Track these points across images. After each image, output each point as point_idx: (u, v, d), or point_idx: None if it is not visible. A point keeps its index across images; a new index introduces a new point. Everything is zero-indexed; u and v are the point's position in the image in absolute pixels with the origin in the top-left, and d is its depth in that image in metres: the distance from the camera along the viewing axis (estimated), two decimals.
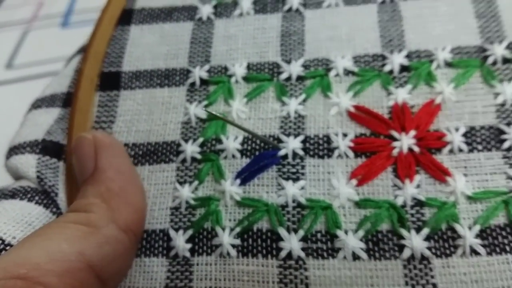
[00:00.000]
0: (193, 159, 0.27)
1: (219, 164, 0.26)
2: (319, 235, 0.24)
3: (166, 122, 0.28)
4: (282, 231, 0.24)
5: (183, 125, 0.28)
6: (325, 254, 0.23)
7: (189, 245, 0.25)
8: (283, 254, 0.23)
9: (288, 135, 0.27)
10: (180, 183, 0.26)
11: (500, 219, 0.23)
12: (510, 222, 0.23)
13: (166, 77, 0.30)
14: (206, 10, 0.32)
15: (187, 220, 0.25)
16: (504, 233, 0.23)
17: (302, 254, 0.23)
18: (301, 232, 0.24)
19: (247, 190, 0.25)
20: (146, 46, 0.31)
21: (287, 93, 0.28)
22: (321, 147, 0.26)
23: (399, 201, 0.24)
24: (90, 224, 0.22)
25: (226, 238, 0.24)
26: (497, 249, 0.23)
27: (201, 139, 0.27)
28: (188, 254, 0.24)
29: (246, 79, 0.29)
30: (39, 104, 0.31)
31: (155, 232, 0.25)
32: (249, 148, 0.26)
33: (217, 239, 0.24)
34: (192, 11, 0.32)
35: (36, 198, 0.27)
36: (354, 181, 0.25)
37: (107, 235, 0.22)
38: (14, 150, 0.29)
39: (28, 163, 0.28)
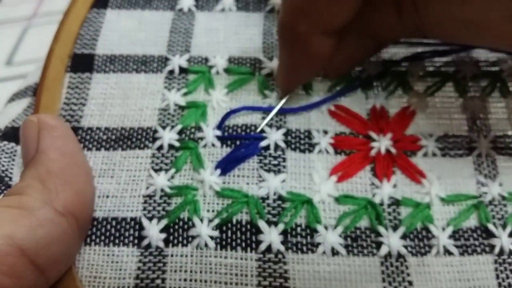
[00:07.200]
0: (170, 146, 0.26)
1: (198, 152, 0.25)
2: (299, 229, 0.23)
3: (142, 108, 0.27)
4: (262, 224, 0.23)
5: (161, 112, 0.27)
6: (304, 248, 0.23)
7: (163, 235, 0.23)
8: (262, 247, 0.23)
9: (271, 126, 0.26)
10: (155, 171, 0.25)
11: (471, 221, 0.24)
12: (480, 225, 0.24)
13: (143, 63, 0.29)
14: (187, 2, 0.31)
15: (161, 209, 0.24)
16: (475, 235, 0.24)
17: (282, 248, 0.23)
18: (281, 226, 0.23)
19: (227, 181, 0.24)
20: (123, 31, 0.30)
21: (269, 87, 0.28)
22: (302, 141, 0.26)
23: (377, 199, 0.24)
24: (22, 206, 0.20)
25: (204, 229, 0.23)
26: (469, 250, 0.23)
27: (179, 126, 0.26)
28: (162, 245, 0.23)
29: (227, 70, 0.28)
30: (13, 98, 0.30)
31: (125, 220, 0.24)
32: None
33: (194, 230, 0.23)
34: (172, 0, 0.32)
35: None
36: (334, 178, 0.25)
37: (41, 217, 0.20)
38: None
39: None
